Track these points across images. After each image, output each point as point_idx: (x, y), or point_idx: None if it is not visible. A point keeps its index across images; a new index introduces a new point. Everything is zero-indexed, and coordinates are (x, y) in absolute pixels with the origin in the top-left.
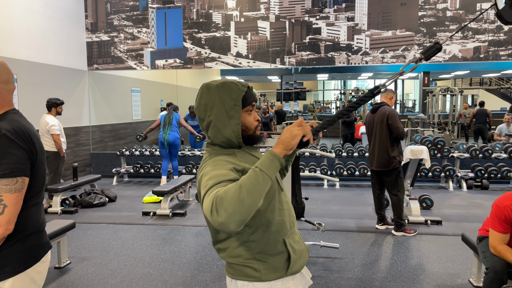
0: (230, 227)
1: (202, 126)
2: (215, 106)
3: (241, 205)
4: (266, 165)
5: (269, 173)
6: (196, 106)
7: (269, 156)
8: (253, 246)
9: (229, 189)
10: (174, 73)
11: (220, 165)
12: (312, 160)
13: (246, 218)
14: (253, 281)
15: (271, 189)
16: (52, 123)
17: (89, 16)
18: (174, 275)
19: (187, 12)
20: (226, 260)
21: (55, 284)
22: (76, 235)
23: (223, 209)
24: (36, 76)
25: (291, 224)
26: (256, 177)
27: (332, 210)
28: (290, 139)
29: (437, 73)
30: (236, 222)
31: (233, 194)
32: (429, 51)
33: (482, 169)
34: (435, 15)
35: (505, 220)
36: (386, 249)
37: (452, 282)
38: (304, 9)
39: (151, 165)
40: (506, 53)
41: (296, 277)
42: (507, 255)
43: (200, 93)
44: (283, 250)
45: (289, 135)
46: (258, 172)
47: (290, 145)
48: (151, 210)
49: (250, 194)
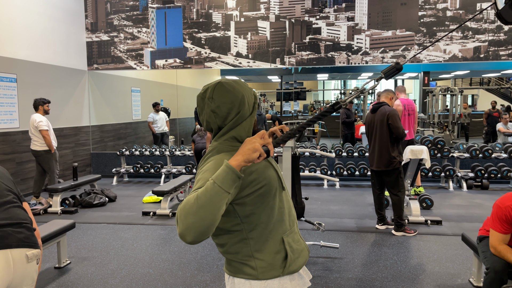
0: (187, 238)
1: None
2: (242, 102)
3: (195, 218)
4: (221, 178)
5: (224, 187)
6: (218, 105)
7: (225, 169)
8: (251, 244)
9: (188, 200)
10: (174, 73)
11: (216, 167)
12: (312, 160)
13: (202, 231)
14: (250, 279)
15: (271, 187)
16: (39, 119)
17: (89, 16)
18: (174, 275)
19: (187, 12)
20: (224, 255)
21: (55, 284)
22: (76, 235)
23: (180, 220)
24: (36, 76)
25: (291, 223)
26: (211, 190)
27: (332, 210)
28: (252, 152)
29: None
30: (192, 235)
31: (190, 206)
32: (390, 71)
33: (482, 169)
34: (435, 15)
35: (506, 220)
36: (386, 249)
37: (452, 282)
38: (304, 9)
39: (151, 165)
40: (506, 53)
41: (294, 277)
42: (508, 255)
43: (220, 91)
44: (281, 249)
45: (251, 147)
46: (211, 185)
47: (250, 158)
48: (151, 210)
49: (203, 207)
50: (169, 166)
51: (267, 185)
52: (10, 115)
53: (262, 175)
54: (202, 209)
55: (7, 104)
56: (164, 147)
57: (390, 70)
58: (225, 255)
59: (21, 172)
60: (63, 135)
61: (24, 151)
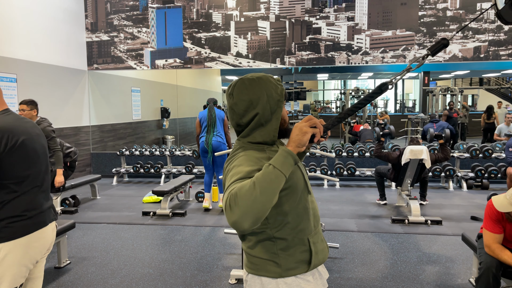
0: (244, 225)
1: (239, 121)
2: (261, 101)
3: (254, 203)
4: (279, 162)
5: (283, 170)
6: (235, 101)
7: (283, 153)
8: (277, 242)
9: (243, 186)
10: (174, 73)
11: (249, 161)
12: (312, 160)
13: (259, 216)
14: (275, 277)
15: (297, 189)
16: None
17: (89, 16)
18: (174, 275)
19: (187, 12)
20: (248, 252)
21: (55, 284)
22: (76, 235)
23: (237, 206)
24: (36, 76)
25: (316, 223)
26: (270, 174)
27: (332, 210)
28: (301, 136)
29: (437, 73)
30: (250, 221)
31: (247, 191)
32: (436, 46)
33: (482, 169)
34: (435, 15)
35: (497, 219)
36: (386, 249)
37: (452, 282)
38: (304, 9)
39: (151, 165)
40: (506, 53)
41: (316, 276)
42: (501, 254)
43: (239, 88)
44: (306, 249)
45: (299, 132)
46: (271, 169)
47: (302, 142)
48: (151, 210)
49: (263, 191)
50: (169, 166)
51: (293, 186)
52: None
53: (289, 176)
54: (263, 194)
55: (7, 104)
56: (164, 147)
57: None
58: (250, 252)
59: None
60: (63, 135)
61: None
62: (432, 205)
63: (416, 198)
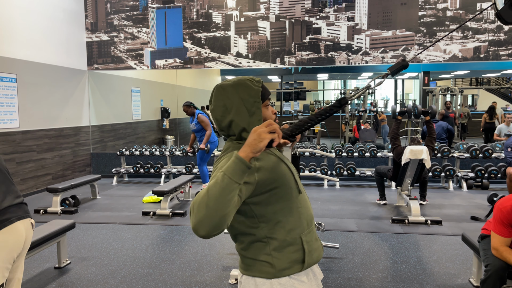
0: (200, 232)
1: (220, 126)
2: (235, 105)
3: (207, 211)
4: (230, 169)
5: (234, 178)
6: (213, 108)
7: (234, 159)
8: (270, 243)
9: (200, 193)
10: (174, 73)
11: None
12: (312, 160)
13: (216, 224)
14: (269, 278)
15: (286, 186)
16: None
17: (89, 16)
18: (174, 275)
19: (187, 12)
20: (242, 253)
21: (55, 284)
22: (76, 235)
23: (193, 213)
24: (36, 76)
25: (309, 222)
26: (221, 182)
27: (332, 210)
28: (258, 141)
29: (437, 73)
30: (206, 228)
31: (201, 199)
32: (395, 67)
33: (482, 169)
34: (435, 15)
35: (508, 223)
36: (386, 249)
37: (452, 282)
38: (304, 9)
39: (151, 165)
40: (506, 53)
41: (310, 275)
42: (509, 257)
43: (216, 95)
44: (299, 248)
45: (257, 137)
46: (222, 176)
47: (257, 148)
48: (151, 210)
49: (214, 199)
50: (169, 166)
51: (282, 184)
52: (10, 115)
53: (274, 173)
54: (213, 201)
55: (7, 104)
56: (164, 147)
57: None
58: (243, 253)
59: (21, 172)
60: (63, 135)
61: (24, 151)
62: (432, 205)
63: (416, 198)
